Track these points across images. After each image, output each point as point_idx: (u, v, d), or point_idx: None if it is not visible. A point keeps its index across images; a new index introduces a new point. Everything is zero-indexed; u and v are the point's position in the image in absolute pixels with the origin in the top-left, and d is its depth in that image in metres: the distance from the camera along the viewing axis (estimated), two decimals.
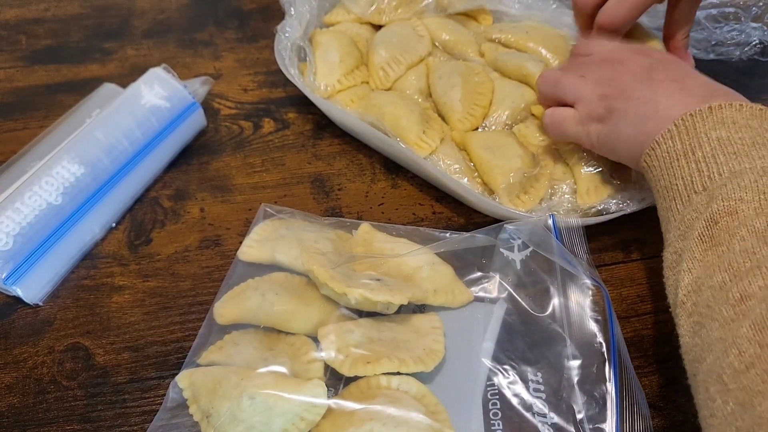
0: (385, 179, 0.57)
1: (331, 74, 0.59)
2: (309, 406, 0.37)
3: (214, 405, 0.37)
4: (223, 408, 0.37)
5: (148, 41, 0.72)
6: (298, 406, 0.37)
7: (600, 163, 0.50)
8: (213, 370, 0.39)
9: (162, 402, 0.40)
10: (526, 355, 0.41)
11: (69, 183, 0.49)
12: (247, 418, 0.36)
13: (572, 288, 0.43)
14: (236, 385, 0.37)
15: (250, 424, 0.36)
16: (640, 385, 0.40)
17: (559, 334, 0.41)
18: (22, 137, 0.59)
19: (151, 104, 0.54)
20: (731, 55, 0.63)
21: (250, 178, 0.57)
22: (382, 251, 0.46)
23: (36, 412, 0.41)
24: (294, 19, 0.61)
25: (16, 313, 0.47)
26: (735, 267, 0.32)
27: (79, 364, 0.44)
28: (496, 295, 0.44)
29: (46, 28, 0.74)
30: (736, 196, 0.34)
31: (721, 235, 0.34)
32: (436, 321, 0.43)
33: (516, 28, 0.63)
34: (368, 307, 0.41)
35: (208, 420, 0.37)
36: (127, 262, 0.50)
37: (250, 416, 0.36)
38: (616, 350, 0.40)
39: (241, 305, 0.42)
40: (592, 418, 0.38)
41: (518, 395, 0.39)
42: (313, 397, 0.37)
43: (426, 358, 0.40)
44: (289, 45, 0.60)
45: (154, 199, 0.55)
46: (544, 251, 0.44)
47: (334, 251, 0.44)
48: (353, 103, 0.58)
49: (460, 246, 0.46)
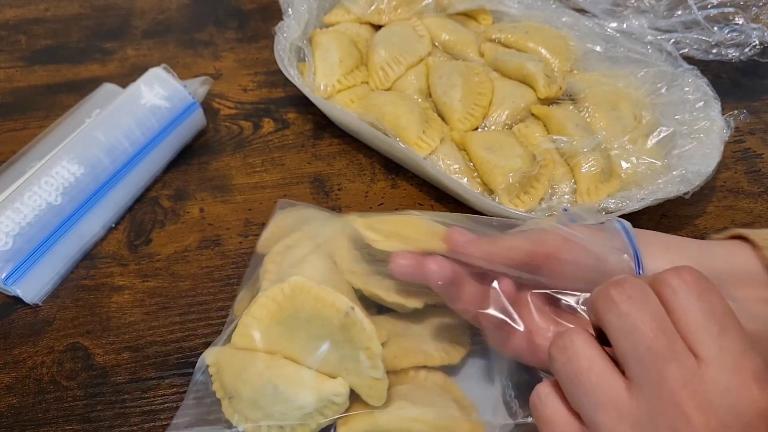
0: (384, 179, 0.57)
1: (331, 74, 0.59)
2: (329, 403, 0.37)
3: (237, 388, 0.37)
4: (245, 392, 0.37)
5: (148, 41, 0.72)
6: (319, 401, 0.36)
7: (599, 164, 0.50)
8: (240, 353, 0.39)
9: (161, 402, 0.40)
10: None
11: (69, 183, 0.49)
12: (267, 405, 0.36)
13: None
14: (260, 372, 0.37)
15: (268, 412, 0.36)
16: None
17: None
18: (22, 137, 0.59)
19: (151, 104, 0.54)
20: (731, 55, 0.63)
21: (250, 178, 0.57)
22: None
23: (35, 412, 0.41)
24: (292, 19, 0.61)
25: (15, 313, 0.47)
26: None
27: (78, 364, 0.44)
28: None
29: (46, 28, 0.74)
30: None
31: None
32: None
33: (516, 28, 0.63)
34: (386, 302, 0.41)
35: (230, 401, 0.37)
36: (126, 262, 0.50)
37: (270, 405, 0.36)
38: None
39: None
40: None
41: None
42: (335, 395, 0.36)
43: (452, 351, 0.40)
44: (288, 45, 0.60)
45: (154, 199, 0.55)
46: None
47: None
48: (353, 103, 0.58)
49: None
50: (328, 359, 0.37)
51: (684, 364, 0.26)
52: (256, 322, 0.38)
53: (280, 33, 0.60)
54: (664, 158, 0.54)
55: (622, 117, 0.56)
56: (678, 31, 0.64)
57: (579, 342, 0.28)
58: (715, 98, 0.56)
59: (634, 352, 0.27)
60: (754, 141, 0.60)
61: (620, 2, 0.67)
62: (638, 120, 0.56)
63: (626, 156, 0.53)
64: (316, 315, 0.37)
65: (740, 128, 0.60)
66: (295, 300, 0.38)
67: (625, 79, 0.59)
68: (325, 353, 0.37)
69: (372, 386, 0.37)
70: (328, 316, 0.37)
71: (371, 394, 0.37)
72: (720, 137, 0.53)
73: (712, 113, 0.55)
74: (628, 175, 0.52)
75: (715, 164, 0.51)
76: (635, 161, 0.53)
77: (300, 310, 0.37)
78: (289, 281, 0.38)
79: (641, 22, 0.65)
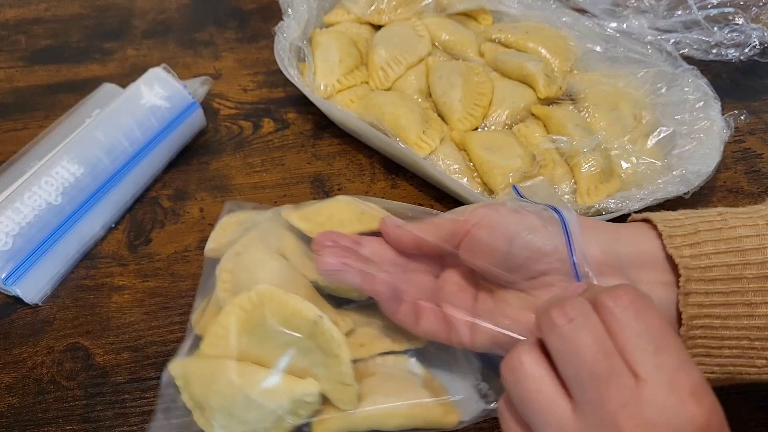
0: (384, 179, 0.57)
1: (331, 74, 0.59)
2: (302, 404, 0.37)
3: (208, 399, 0.37)
4: (216, 403, 0.37)
5: (148, 41, 0.72)
6: (292, 403, 0.37)
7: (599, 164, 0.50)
8: (208, 364, 0.39)
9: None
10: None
11: (69, 183, 0.49)
12: (241, 414, 0.37)
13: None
14: (230, 382, 0.37)
15: (243, 420, 0.37)
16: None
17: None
18: (22, 137, 0.59)
19: (151, 104, 0.54)
20: (731, 55, 0.63)
21: (250, 178, 0.57)
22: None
23: (35, 412, 0.41)
24: (292, 19, 0.61)
25: (15, 313, 0.47)
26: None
27: (78, 364, 0.44)
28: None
29: (46, 28, 0.74)
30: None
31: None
32: None
33: (516, 28, 0.63)
34: (341, 293, 0.42)
35: (201, 411, 0.38)
36: (126, 262, 0.50)
37: (244, 413, 0.37)
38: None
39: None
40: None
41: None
42: (305, 395, 0.37)
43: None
44: (288, 46, 0.60)
45: (154, 199, 0.55)
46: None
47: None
48: (353, 103, 0.59)
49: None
50: (298, 366, 0.38)
51: (623, 385, 0.27)
52: (226, 331, 0.39)
53: (280, 33, 0.60)
54: (664, 158, 0.54)
55: (622, 117, 0.56)
56: (678, 31, 0.65)
57: (527, 362, 0.29)
58: (715, 98, 0.56)
59: (576, 376, 0.28)
60: (754, 141, 0.60)
61: (620, 2, 0.67)
62: (638, 120, 0.56)
63: (626, 156, 0.53)
64: (285, 323, 0.37)
65: (740, 128, 0.60)
66: (263, 308, 0.38)
67: (625, 79, 0.59)
68: (294, 360, 0.38)
69: (343, 392, 0.37)
70: (297, 325, 0.37)
71: (342, 399, 0.37)
72: (720, 137, 0.53)
73: (713, 113, 0.55)
74: (628, 175, 0.52)
75: (715, 164, 0.51)
76: (635, 161, 0.53)
77: (268, 318, 0.38)
78: (256, 289, 0.38)
79: (641, 22, 0.65)
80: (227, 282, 0.42)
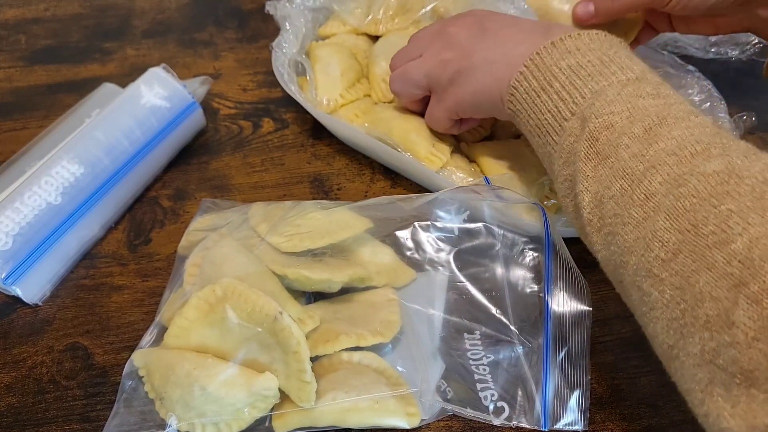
0: (384, 179, 0.57)
1: (333, 89, 0.58)
2: (261, 398, 0.37)
3: (167, 390, 0.38)
4: (175, 394, 0.37)
5: (148, 41, 0.72)
6: (250, 396, 0.37)
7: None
8: (168, 354, 0.39)
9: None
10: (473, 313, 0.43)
11: (68, 183, 0.49)
12: (198, 405, 0.37)
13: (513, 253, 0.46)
14: (188, 374, 0.37)
15: (201, 411, 0.37)
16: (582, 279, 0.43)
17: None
18: (22, 137, 0.59)
19: (151, 104, 0.54)
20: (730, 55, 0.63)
21: (250, 178, 0.57)
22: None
23: (35, 412, 0.41)
24: (290, 33, 0.60)
25: (15, 313, 0.47)
26: (630, 172, 0.34)
27: (78, 364, 0.44)
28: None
29: (46, 28, 0.74)
30: (607, 110, 0.36)
31: (606, 148, 0.36)
32: (390, 294, 0.44)
33: None
34: (311, 287, 0.42)
35: (161, 402, 0.38)
36: (126, 261, 0.50)
37: (202, 404, 0.37)
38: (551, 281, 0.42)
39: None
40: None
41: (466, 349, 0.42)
42: (264, 389, 0.37)
43: (384, 330, 0.41)
44: (287, 61, 0.59)
45: (154, 199, 0.55)
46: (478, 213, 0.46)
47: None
48: (358, 117, 0.57)
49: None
50: (258, 361, 0.38)
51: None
52: (188, 323, 0.39)
53: (278, 49, 0.59)
54: None
55: None
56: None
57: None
58: (720, 99, 0.55)
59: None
60: (754, 141, 0.60)
61: None
62: None
63: None
64: (246, 317, 0.38)
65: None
66: (226, 301, 0.38)
67: None
68: (255, 355, 0.38)
69: (301, 389, 0.37)
70: (258, 320, 0.38)
71: (300, 396, 0.37)
72: None
73: (720, 114, 0.55)
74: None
75: None
76: None
77: (229, 312, 0.38)
78: (220, 283, 0.39)
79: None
80: (194, 276, 0.43)
